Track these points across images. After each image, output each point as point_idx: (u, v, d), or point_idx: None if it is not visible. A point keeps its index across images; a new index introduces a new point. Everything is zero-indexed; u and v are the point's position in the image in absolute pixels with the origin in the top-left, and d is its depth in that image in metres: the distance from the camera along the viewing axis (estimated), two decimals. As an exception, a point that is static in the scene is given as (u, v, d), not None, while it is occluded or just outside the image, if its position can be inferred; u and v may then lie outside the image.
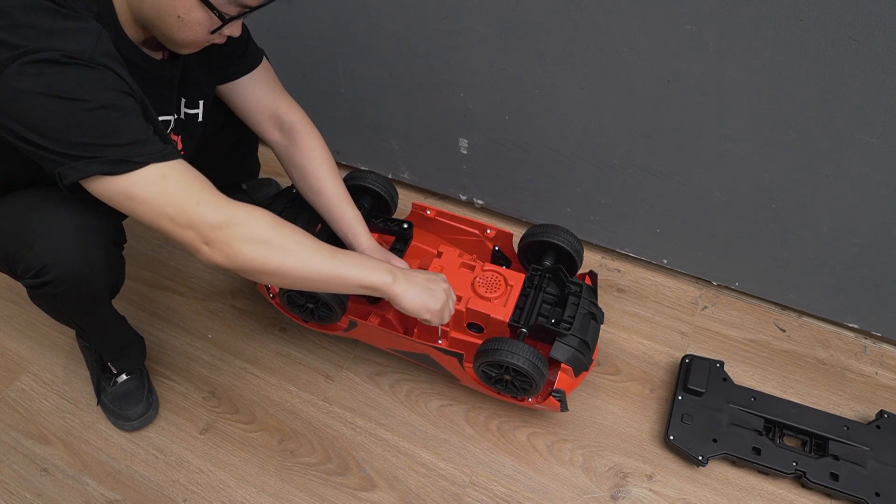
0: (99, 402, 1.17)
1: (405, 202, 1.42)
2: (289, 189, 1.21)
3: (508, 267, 1.21)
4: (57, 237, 0.81)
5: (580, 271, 1.20)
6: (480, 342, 1.06)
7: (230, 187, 1.41)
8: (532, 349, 0.99)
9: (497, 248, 1.23)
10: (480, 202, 1.51)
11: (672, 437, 1.10)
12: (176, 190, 0.75)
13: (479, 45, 1.16)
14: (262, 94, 1.05)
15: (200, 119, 1.01)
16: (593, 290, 1.14)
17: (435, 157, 1.45)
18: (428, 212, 1.25)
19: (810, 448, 1.09)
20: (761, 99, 1.00)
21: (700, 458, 1.07)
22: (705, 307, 1.35)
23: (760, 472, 1.09)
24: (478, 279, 1.10)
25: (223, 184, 0.82)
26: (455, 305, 1.04)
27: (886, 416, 1.11)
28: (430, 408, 1.19)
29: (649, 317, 1.33)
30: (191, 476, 1.10)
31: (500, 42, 1.13)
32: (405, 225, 1.21)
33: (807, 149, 1.03)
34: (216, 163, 1.12)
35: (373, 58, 1.30)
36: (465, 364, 1.07)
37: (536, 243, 1.17)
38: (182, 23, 0.76)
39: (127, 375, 1.16)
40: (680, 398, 1.14)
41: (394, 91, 1.35)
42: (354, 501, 1.07)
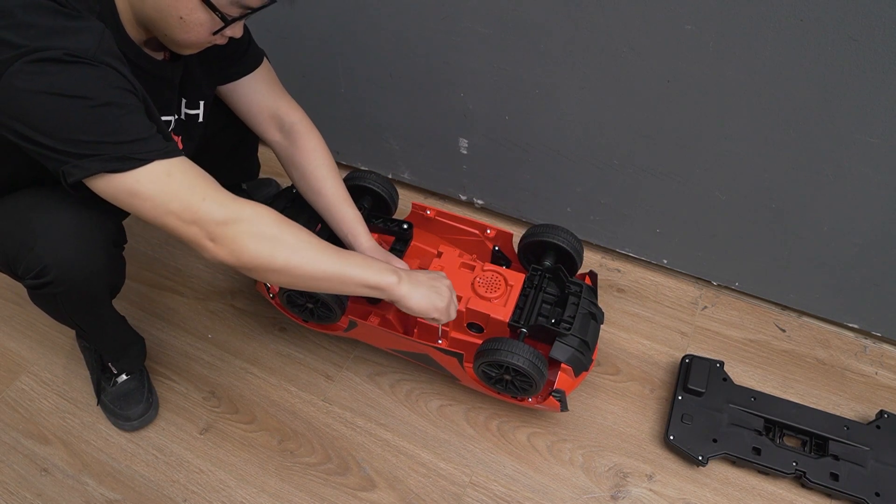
0: (99, 402, 1.17)
1: (405, 202, 1.42)
2: (289, 189, 1.21)
3: (508, 267, 1.21)
4: (57, 238, 0.81)
5: (580, 271, 1.20)
6: (480, 342, 1.06)
7: (230, 187, 1.40)
8: (532, 349, 0.99)
9: (497, 248, 1.23)
10: (480, 202, 1.51)
11: (672, 437, 1.10)
12: (181, 186, 0.74)
13: (479, 45, 1.16)
14: (263, 95, 1.05)
15: (201, 119, 1.01)
16: (593, 290, 1.14)
17: (435, 157, 1.45)
18: (428, 212, 1.25)
19: (810, 448, 1.09)
20: (761, 99, 1.00)
21: (700, 458, 1.07)
22: (705, 307, 1.35)
23: (760, 472, 1.09)
24: (478, 279, 1.10)
25: (223, 184, 0.81)
26: (455, 305, 1.04)
27: (886, 416, 1.11)
28: (430, 408, 1.19)
29: (649, 317, 1.33)
30: (191, 476, 1.10)
31: (500, 42, 1.13)
32: (405, 225, 1.21)
33: (807, 149, 1.03)
34: (216, 163, 1.11)
35: (373, 58, 1.30)
36: (465, 364, 1.07)
37: (536, 243, 1.17)
38: (184, 24, 0.76)
39: (127, 375, 1.16)
40: (680, 398, 1.14)
41: (394, 91, 1.35)
42: (354, 501, 1.07)
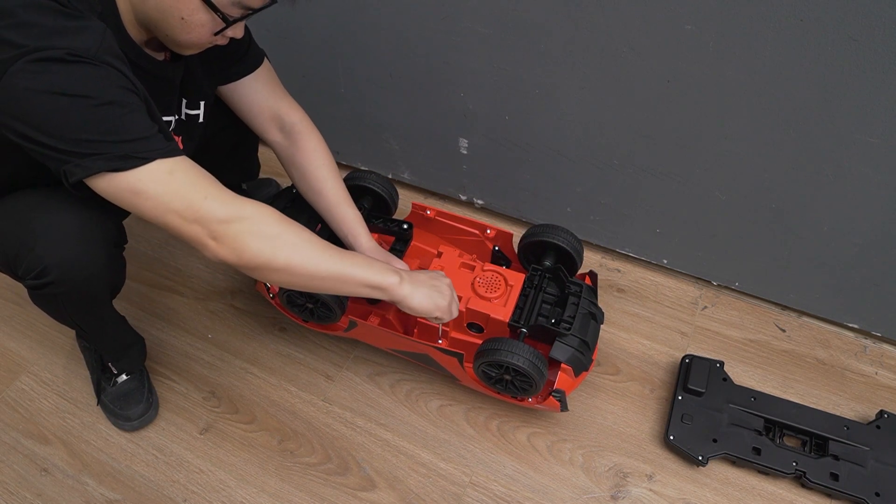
0: (99, 402, 1.17)
1: (405, 202, 1.42)
2: (289, 189, 1.21)
3: (508, 267, 1.21)
4: (58, 238, 0.81)
5: (580, 271, 1.20)
6: (480, 342, 1.06)
7: (230, 187, 1.40)
8: (532, 349, 0.99)
9: (497, 248, 1.23)
10: (480, 202, 1.51)
11: (672, 437, 1.10)
12: (183, 185, 0.74)
13: (479, 45, 1.16)
14: (264, 95, 1.05)
15: (201, 120, 1.01)
16: (593, 291, 1.14)
17: (435, 157, 1.45)
18: (428, 212, 1.25)
19: (810, 448, 1.09)
20: (761, 99, 1.00)
21: (700, 458, 1.07)
22: (705, 307, 1.35)
23: (760, 472, 1.09)
24: (478, 279, 1.10)
25: (223, 184, 0.81)
26: (455, 305, 1.04)
27: (886, 416, 1.11)
28: (430, 408, 1.19)
29: (649, 317, 1.33)
30: (191, 476, 1.10)
31: (500, 42, 1.13)
32: (405, 225, 1.21)
33: (807, 149, 1.03)
34: (216, 163, 1.11)
35: (373, 58, 1.30)
36: (465, 364, 1.07)
37: (536, 243, 1.17)
38: (185, 24, 0.76)
39: (127, 375, 1.16)
40: (680, 398, 1.14)
41: (394, 91, 1.35)
42: (354, 501, 1.07)
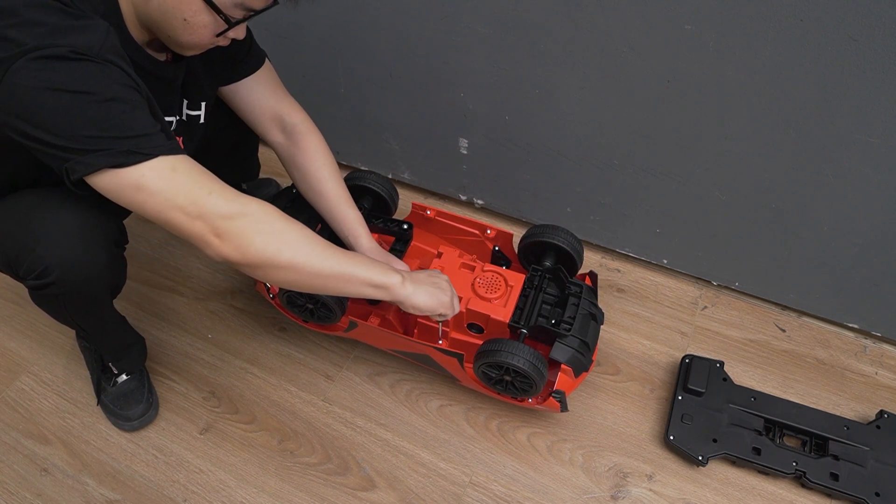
0: (99, 402, 1.17)
1: (405, 202, 1.42)
2: (289, 189, 1.21)
3: (508, 267, 1.21)
4: (59, 238, 0.81)
5: (580, 271, 1.20)
6: (480, 343, 1.06)
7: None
8: (532, 350, 0.99)
9: (497, 249, 1.23)
10: (480, 202, 1.51)
11: (672, 437, 1.10)
12: (186, 181, 0.73)
13: (479, 45, 1.16)
14: (265, 96, 1.05)
15: (202, 120, 1.01)
16: (593, 291, 1.14)
17: (435, 157, 1.45)
18: (428, 212, 1.25)
19: (810, 448, 1.09)
20: (761, 99, 1.00)
21: (700, 458, 1.07)
22: (705, 307, 1.35)
23: (760, 472, 1.09)
24: (478, 280, 1.10)
25: (224, 183, 0.81)
26: (455, 305, 1.04)
27: (886, 416, 1.11)
28: (430, 408, 1.19)
29: (649, 317, 1.33)
30: (191, 476, 1.10)
31: (500, 42, 1.13)
32: (405, 225, 1.21)
33: (807, 149, 1.03)
34: (217, 163, 1.11)
35: (373, 58, 1.30)
36: (466, 365, 1.07)
37: (536, 244, 1.17)
38: (188, 25, 0.76)
39: (127, 375, 1.17)
40: (680, 398, 1.14)
41: (394, 91, 1.35)
42: (354, 501, 1.07)
